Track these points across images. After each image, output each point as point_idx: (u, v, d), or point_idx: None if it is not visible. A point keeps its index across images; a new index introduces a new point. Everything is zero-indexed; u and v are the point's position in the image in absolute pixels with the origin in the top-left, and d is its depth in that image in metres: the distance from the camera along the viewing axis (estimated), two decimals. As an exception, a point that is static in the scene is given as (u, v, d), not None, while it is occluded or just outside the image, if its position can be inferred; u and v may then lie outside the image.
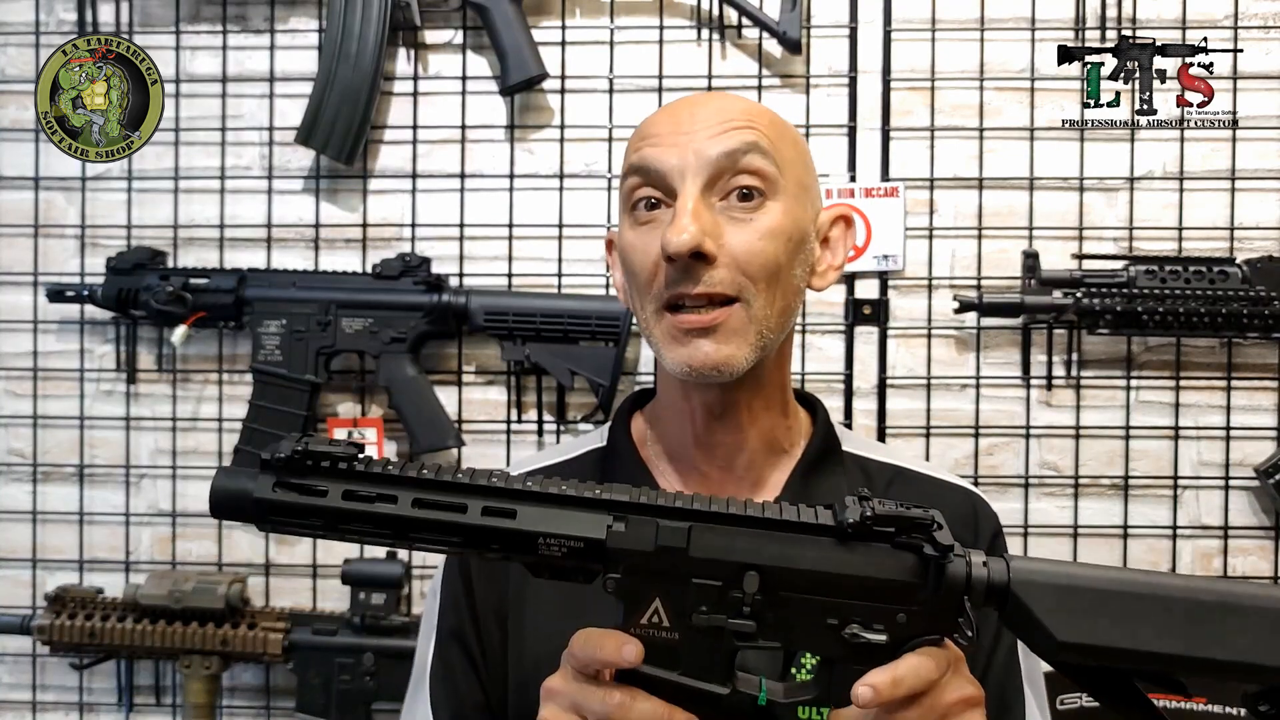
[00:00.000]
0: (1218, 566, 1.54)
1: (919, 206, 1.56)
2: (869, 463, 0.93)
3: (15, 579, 1.63)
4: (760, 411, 0.88)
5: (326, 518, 0.63)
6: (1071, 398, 1.55)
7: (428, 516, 0.63)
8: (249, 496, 0.63)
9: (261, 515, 0.64)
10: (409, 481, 0.63)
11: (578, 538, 0.63)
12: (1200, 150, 1.54)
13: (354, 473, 0.63)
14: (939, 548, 0.63)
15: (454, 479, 0.64)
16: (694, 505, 0.64)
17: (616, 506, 0.64)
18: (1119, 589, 0.64)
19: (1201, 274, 1.47)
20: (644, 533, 0.63)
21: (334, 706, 1.50)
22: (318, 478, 0.63)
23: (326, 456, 0.63)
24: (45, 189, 1.63)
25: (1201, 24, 1.53)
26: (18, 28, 1.63)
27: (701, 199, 0.80)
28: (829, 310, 1.56)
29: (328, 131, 1.54)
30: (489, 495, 0.64)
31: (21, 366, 1.63)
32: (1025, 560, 0.65)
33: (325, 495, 0.63)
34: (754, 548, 0.63)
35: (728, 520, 0.64)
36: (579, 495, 0.64)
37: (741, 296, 0.80)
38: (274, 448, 0.63)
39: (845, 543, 0.64)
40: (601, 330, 1.51)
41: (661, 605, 0.63)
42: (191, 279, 1.53)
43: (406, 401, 1.52)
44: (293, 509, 0.63)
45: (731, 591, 0.63)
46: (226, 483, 0.65)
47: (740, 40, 1.57)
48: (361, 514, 0.63)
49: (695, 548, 0.63)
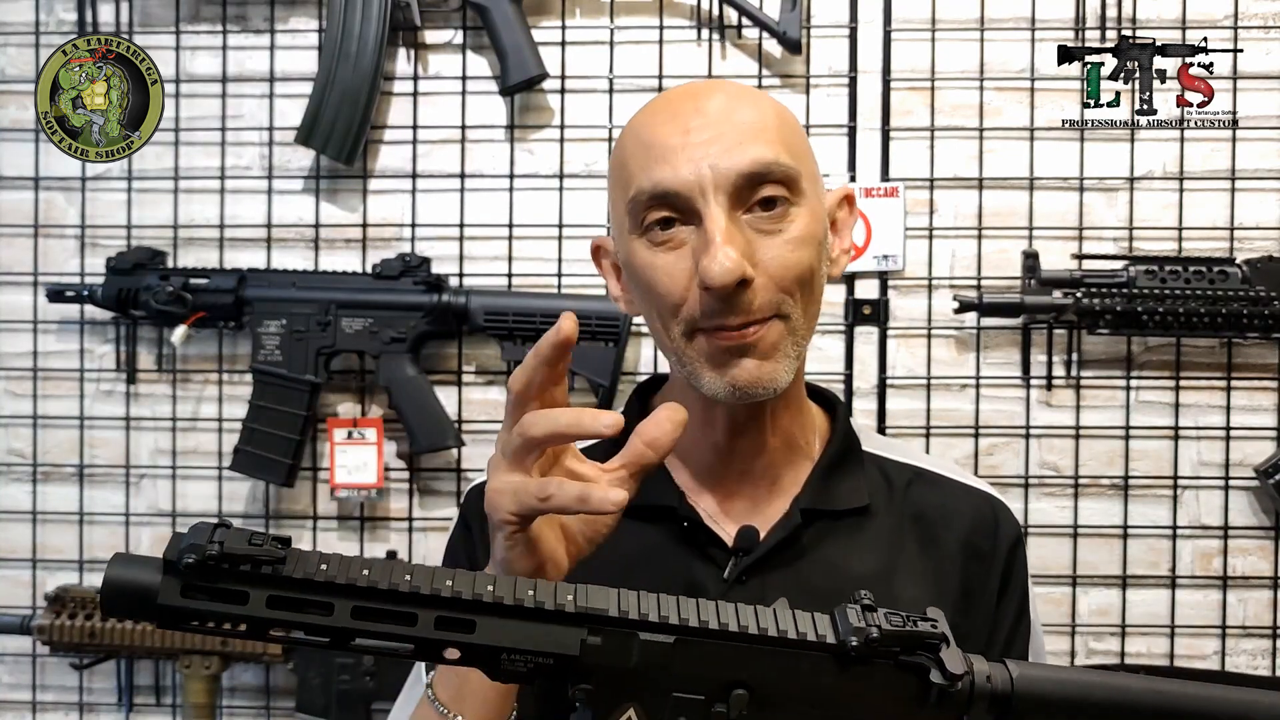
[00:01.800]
0: (1217, 566, 1.54)
1: (919, 206, 1.56)
2: (888, 463, 0.90)
3: (15, 579, 1.63)
4: (781, 414, 0.85)
5: (250, 625, 0.53)
6: (1071, 398, 1.55)
7: (370, 628, 0.54)
8: (151, 599, 0.52)
9: (166, 621, 0.53)
10: (347, 589, 0.54)
11: (547, 654, 0.56)
12: (1200, 150, 1.54)
13: (281, 578, 0.53)
14: (947, 675, 0.58)
15: (402, 585, 0.54)
16: (680, 615, 0.57)
17: (592, 620, 0.56)
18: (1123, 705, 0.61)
19: (1201, 274, 1.47)
20: (623, 647, 0.56)
21: (334, 706, 1.50)
22: (237, 582, 0.52)
23: (246, 559, 0.52)
24: (45, 189, 1.63)
25: (1201, 24, 1.53)
26: (18, 28, 1.63)
27: (731, 219, 0.76)
28: (829, 310, 1.56)
29: (328, 131, 1.54)
30: (441, 606, 0.55)
31: (21, 366, 1.63)
32: (1030, 670, 0.61)
33: (246, 602, 0.53)
34: (744, 663, 0.58)
35: (717, 635, 0.57)
36: (549, 609, 0.56)
37: (781, 311, 0.78)
38: (182, 544, 0.52)
39: (845, 663, 0.58)
40: (601, 330, 1.51)
41: (636, 715, 0.57)
42: (191, 279, 1.53)
43: (406, 401, 1.52)
44: (206, 615, 0.53)
45: (715, 706, 0.57)
46: (124, 574, 0.52)
47: (740, 40, 1.57)
48: (291, 623, 0.53)
49: (680, 663, 0.57)
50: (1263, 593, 1.54)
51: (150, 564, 0.53)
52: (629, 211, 0.80)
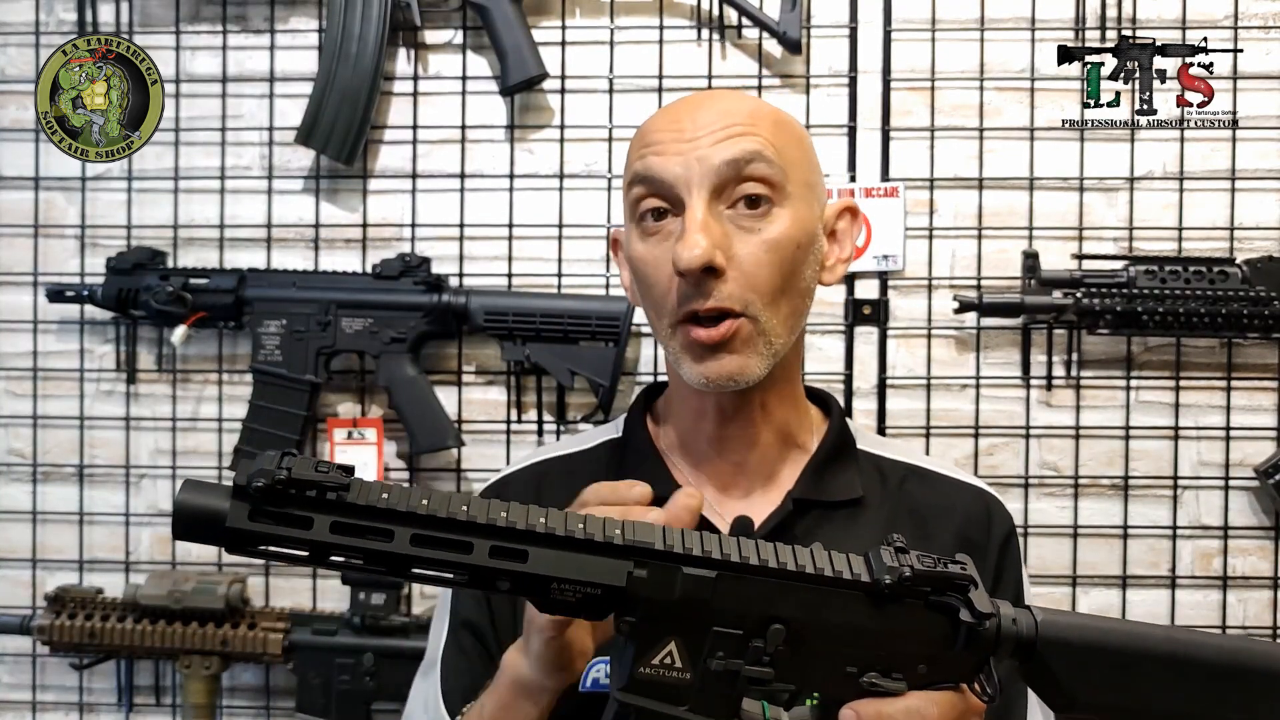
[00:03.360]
0: (1217, 566, 1.54)
1: (919, 206, 1.56)
2: (883, 460, 0.93)
3: (15, 579, 1.63)
4: (774, 408, 0.88)
5: (313, 550, 0.55)
6: (1071, 398, 1.55)
7: (428, 555, 0.56)
8: (220, 522, 0.54)
9: (234, 545, 0.55)
10: (408, 517, 0.56)
11: (595, 584, 0.58)
12: (1200, 150, 1.54)
13: (344, 504, 0.55)
14: (976, 614, 0.61)
15: (460, 515, 0.56)
16: (722, 551, 0.60)
17: (638, 553, 0.59)
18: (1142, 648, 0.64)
19: (1201, 274, 1.47)
20: (667, 580, 0.59)
21: (334, 706, 1.49)
22: (302, 508, 0.54)
23: (313, 485, 0.54)
24: (45, 189, 1.63)
25: (1201, 24, 1.53)
26: (18, 28, 1.63)
27: (709, 210, 0.80)
28: (829, 310, 1.56)
29: (328, 131, 1.54)
30: (498, 535, 0.57)
31: (21, 366, 1.63)
32: (1051, 615, 0.64)
33: (310, 527, 0.54)
34: (782, 599, 0.60)
35: (757, 571, 0.60)
36: (598, 540, 0.58)
37: (747, 312, 0.81)
38: (251, 470, 0.54)
39: (879, 601, 0.61)
40: (601, 330, 1.51)
41: (677, 648, 0.59)
42: (191, 279, 1.53)
43: (406, 401, 1.52)
44: (272, 540, 0.55)
45: (753, 641, 0.60)
46: (194, 499, 0.54)
47: (740, 40, 1.57)
48: (353, 549, 0.55)
49: (720, 598, 0.59)
50: (1263, 593, 1.54)
51: (220, 490, 0.55)
52: (626, 199, 0.86)
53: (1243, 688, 0.63)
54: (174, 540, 0.56)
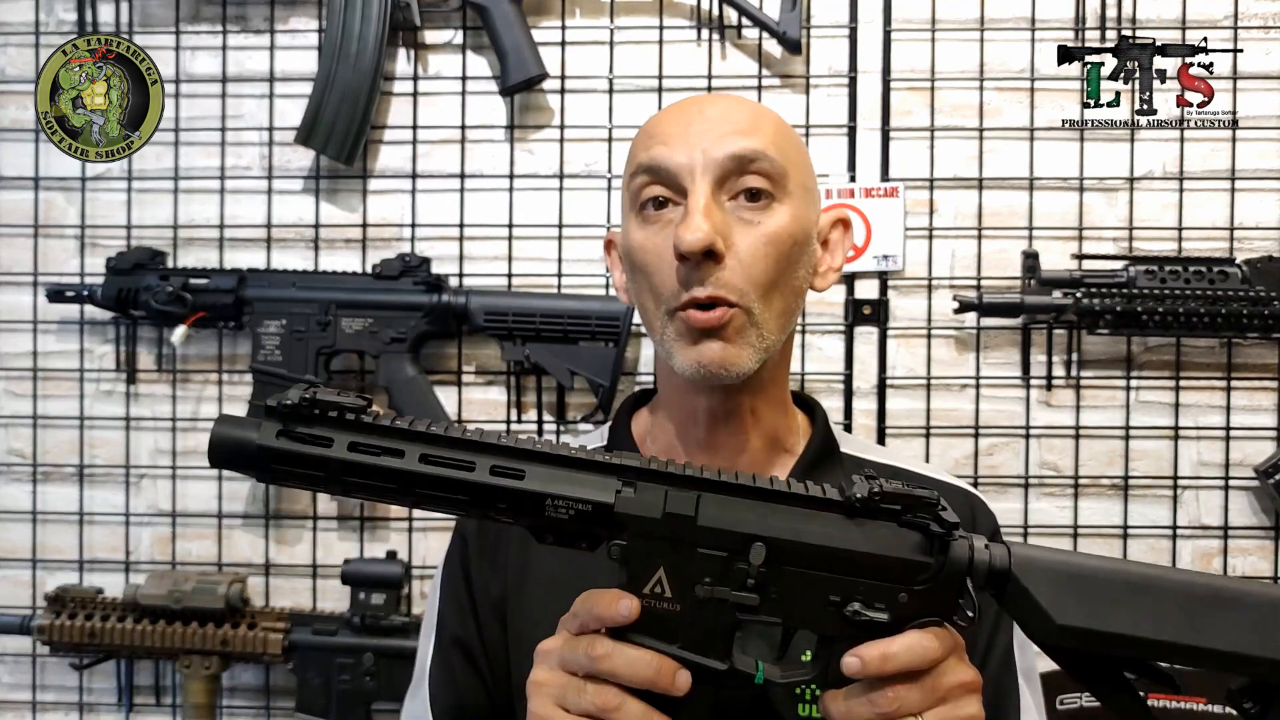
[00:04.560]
0: (1218, 566, 1.54)
1: (919, 206, 1.56)
2: (867, 463, 0.94)
3: (15, 579, 1.63)
4: (763, 412, 0.89)
5: (331, 469, 0.61)
6: (1071, 398, 1.55)
7: (435, 473, 0.62)
8: (251, 444, 0.61)
9: (263, 464, 0.61)
10: (417, 436, 0.62)
11: (586, 500, 0.62)
12: (1200, 150, 1.54)
13: (361, 424, 0.62)
14: (944, 524, 0.63)
15: (463, 436, 0.62)
16: (703, 475, 0.64)
17: (626, 471, 0.63)
18: (1116, 578, 0.65)
19: (1201, 274, 1.47)
20: (653, 499, 0.63)
21: (334, 706, 1.50)
22: (324, 427, 0.61)
23: (334, 406, 0.61)
24: (45, 189, 1.63)
25: (1201, 24, 1.53)
26: (18, 28, 1.63)
27: (712, 197, 0.82)
28: (829, 310, 1.56)
29: (328, 131, 1.54)
30: (498, 454, 0.63)
31: (21, 366, 1.63)
32: (1025, 546, 0.66)
33: (331, 445, 0.61)
34: (762, 519, 0.63)
35: (737, 491, 0.64)
36: (588, 459, 0.63)
37: (742, 303, 0.82)
38: (281, 395, 0.61)
39: (853, 518, 0.64)
40: (601, 330, 1.51)
41: (665, 575, 0.63)
42: (191, 279, 1.53)
43: (406, 401, 1.52)
44: (296, 458, 0.61)
45: (737, 563, 0.63)
46: (228, 430, 0.62)
47: (740, 40, 1.57)
48: (367, 467, 0.61)
49: (703, 516, 0.63)
50: (1263, 593, 1.54)
51: (250, 422, 0.62)
52: (628, 188, 0.87)
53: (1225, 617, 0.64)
54: (210, 466, 0.63)
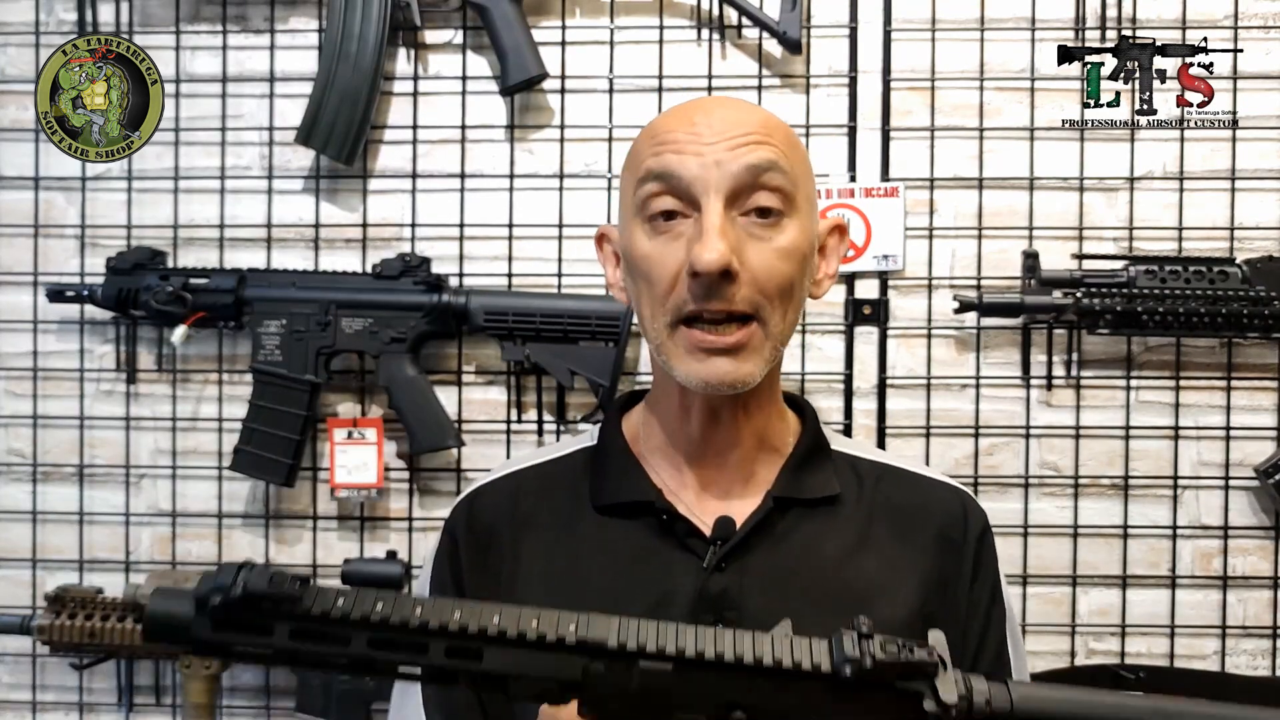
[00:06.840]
0: (1217, 566, 1.54)
1: (919, 206, 1.56)
2: (858, 461, 0.94)
3: (15, 579, 1.63)
4: (755, 412, 0.90)
5: (275, 654, 0.59)
6: (1071, 398, 1.55)
7: (385, 657, 0.59)
8: (185, 631, 0.58)
9: (204, 652, 0.59)
10: (362, 624, 0.58)
11: (550, 679, 0.59)
12: (1200, 150, 1.54)
13: (301, 614, 0.58)
14: (940, 705, 0.59)
15: (412, 619, 0.58)
16: (678, 644, 0.59)
17: (593, 650, 0.59)
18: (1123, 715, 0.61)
19: (1201, 274, 1.47)
20: (624, 673, 0.59)
21: (334, 706, 1.50)
22: (261, 617, 0.58)
23: (268, 598, 0.57)
24: (45, 189, 1.63)
25: (1201, 24, 1.53)
26: (18, 28, 1.63)
27: (726, 215, 0.81)
28: (829, 310, 1.56)
29: (328, 131, 1.54)
30: (451, 637, 0.58)
31: (21, 366, 1.63)
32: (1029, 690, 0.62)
33: (271, 635, 0.58)
34: (742, 687, 0.60)
35: (715, 666, 0.60)
36: (550, 639, 0.59)
37: (759, 315, 0.82)
38: (208, 584, 0.57)
39: (841, 690, 0.60)
40: (601, 330, 1.51)
41: None
42: (191, 279, 1.53)
43: (406, 401, 1.52)
44: (236, 648, 0.58)
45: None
46: (164, 607, 0.58)
47: (740, 40, 1.57)
48: (311, 654, 0.59)
49: (680, 688, 0.59)
50: (1263, 593, 1.54)
51: (185, 599, 0.58)
52: (635, 194, 0.85)
53: None
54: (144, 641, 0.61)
